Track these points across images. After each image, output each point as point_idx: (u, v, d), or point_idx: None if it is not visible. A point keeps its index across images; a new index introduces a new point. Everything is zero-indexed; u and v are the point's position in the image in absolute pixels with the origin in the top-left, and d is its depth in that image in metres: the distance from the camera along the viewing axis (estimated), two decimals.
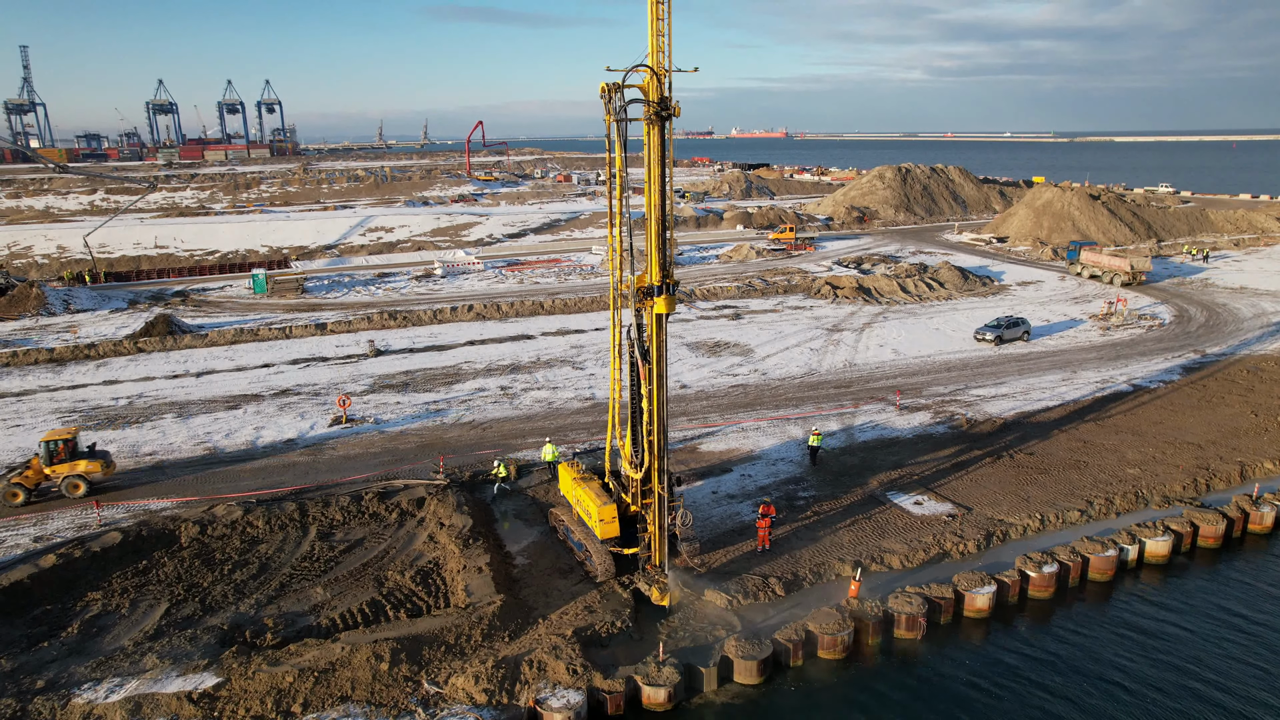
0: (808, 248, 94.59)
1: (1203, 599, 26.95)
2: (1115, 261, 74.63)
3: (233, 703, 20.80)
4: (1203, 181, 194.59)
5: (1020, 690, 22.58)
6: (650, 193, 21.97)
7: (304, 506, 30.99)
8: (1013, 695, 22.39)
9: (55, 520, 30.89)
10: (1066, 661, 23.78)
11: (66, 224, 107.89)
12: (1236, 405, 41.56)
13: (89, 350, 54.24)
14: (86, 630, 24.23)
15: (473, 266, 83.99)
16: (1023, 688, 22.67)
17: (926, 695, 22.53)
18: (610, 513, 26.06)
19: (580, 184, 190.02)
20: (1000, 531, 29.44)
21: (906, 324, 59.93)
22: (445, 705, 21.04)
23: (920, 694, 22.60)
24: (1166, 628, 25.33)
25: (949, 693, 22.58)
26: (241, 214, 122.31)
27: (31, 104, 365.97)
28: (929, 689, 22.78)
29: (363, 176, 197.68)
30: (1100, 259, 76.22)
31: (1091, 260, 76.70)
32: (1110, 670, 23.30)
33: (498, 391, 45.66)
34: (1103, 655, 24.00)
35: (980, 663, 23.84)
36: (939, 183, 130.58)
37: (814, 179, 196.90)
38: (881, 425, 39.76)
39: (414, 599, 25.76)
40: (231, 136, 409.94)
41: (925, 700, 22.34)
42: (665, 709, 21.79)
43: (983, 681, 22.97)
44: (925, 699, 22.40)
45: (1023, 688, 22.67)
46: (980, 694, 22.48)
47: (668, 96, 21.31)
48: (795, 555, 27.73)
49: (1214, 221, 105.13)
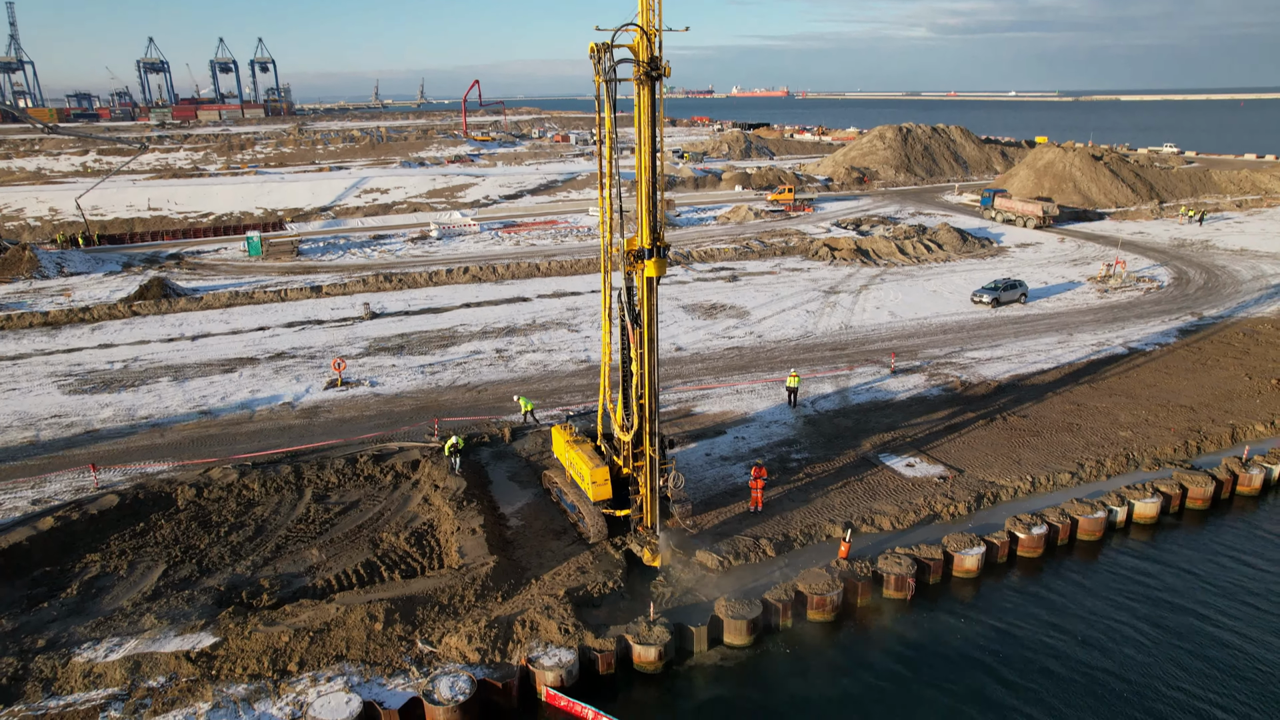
0: (806, 209, 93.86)
1: (1184, 554, 27.30)
2: (1027, 207, 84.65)
3: (230, 661, 21.14)
4: (1208, 141, 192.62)
5: (1004, 648, 22.94)
6: (641, 154, 21.69)
7: (299, 469, 31.17)
8: (998, 652, 22.76)
9: (53, 483, 31.10)
10: (1051, 620, 24.13)
11: (58, 186, 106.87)
12: (1231, 368, 41.60)
13: (84, 314, 54.10)
14: (86, 591, 24.53)
15: (469, 228, 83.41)
16: (1008, 647, 23.04)
17: (913, 654, 22.89)
18: (603, 475, 26.23)
19: (578, 144, 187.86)
20: (991, 493, 29.68)
21: (904, 286, 59.72)
22: (439, 664, 21.39)
23: (907, 653, 22.97)
24: (1150, 582, 25.68)
25: (936, 651, 22.94)
26: (236, 175, 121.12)
27: (20, 62, 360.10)
28: (917, 648, 23.14)
29: (358, 137, 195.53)
30: (1013, 204, 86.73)
31: (1005, 206, 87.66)
32: (1093, 631, 23.67)
33: (493, 354, 45.66)
34: (1088, 612, 24.36)
35: (968, 621, 24.20)
36: (940, 143, 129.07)
37: (815, 139, 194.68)
38: (876, 388, 39.83)
39: (408, 560, 26.04)
40: (225, 96, 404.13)
41: (912, 659, 22.71)
42: (655, 668, 22.15)
43: (969, 640, 23.33)
44: (912, 658, 22.77)
45: (1008, 647, 23.04)
46: (966, 652, 22.85)
47: (658, 56, 20.92)
48: (787, 517, 27.96)
49: (1217, 182, 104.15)
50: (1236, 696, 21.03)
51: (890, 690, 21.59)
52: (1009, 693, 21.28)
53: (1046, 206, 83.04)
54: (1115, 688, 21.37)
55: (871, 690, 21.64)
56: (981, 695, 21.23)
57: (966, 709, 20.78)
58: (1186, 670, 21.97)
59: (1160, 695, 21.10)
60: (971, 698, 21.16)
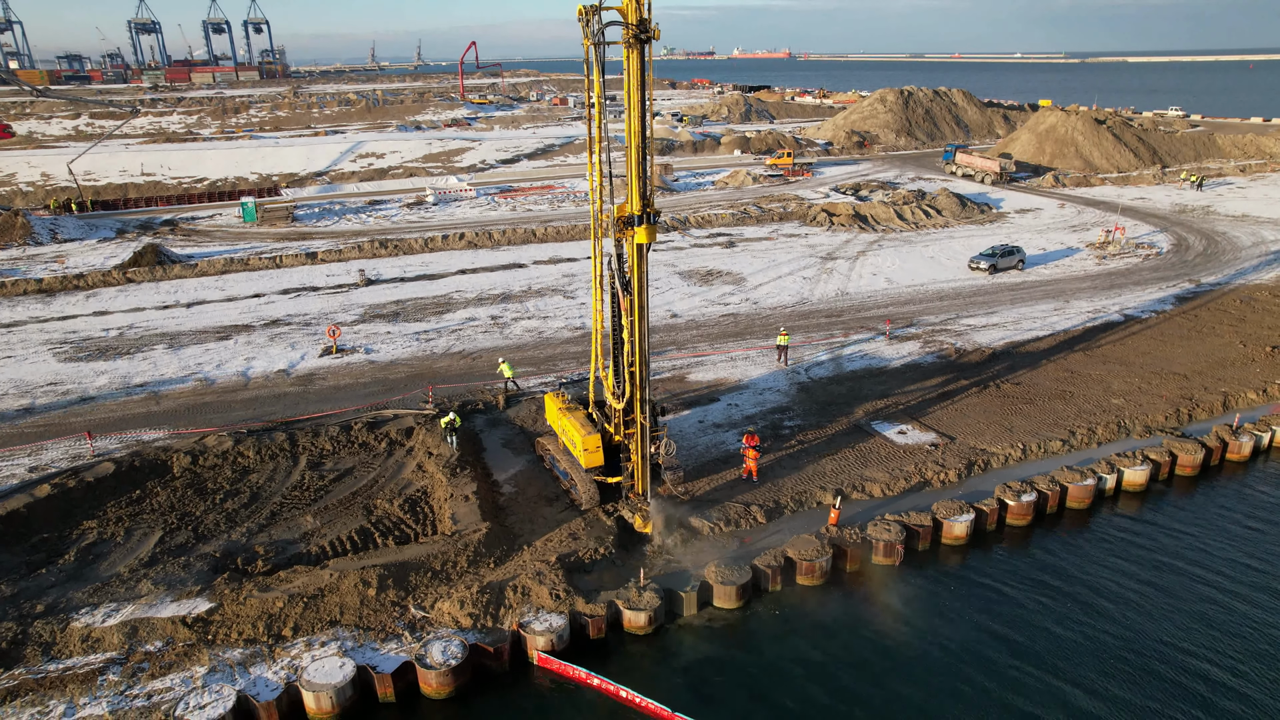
0: (805, 174, 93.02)
1: (1173, 518, 27.58)
2: (985, 163, 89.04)
3: (225, 626, 21.45)
4: (1215, 104, 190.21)
5: (992, 609, 23.26)
6: (630, 119, 21.42)
7: (294, 436, 31.32)
8: (985, 616, 23.08)
9: (49, 451, 31.26)
10: (1040, 581, 24.43)
11: (50, 150, 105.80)
12: (1227, 335, 41.56)
13: (78, 280, 53.92)
14: (83, 557, 24.80)
15: (465, 193, 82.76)
16: (995, 607, 23.36)
17: (901, 620, 23.20)
18: (594, 442, 26.32)
19: (576, 107, 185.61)
20: (982, 461, 29.84)
21: (901, 252, 59.42)
22: (431, 629, 21.70)
23: (893, 618, 23.28)
24: (1140, 543, 25.97)
25: (922, 615, 23.26)
26: (230, 140, 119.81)
27: (8, 22, 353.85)
28: (903, 612, 23.45)
29: (354, 100, 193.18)
30: (973, 160, 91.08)
31: (965, 161, 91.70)
32: (1081, 588, 23.98)
33: (488, 321, 45.60)
34: (1072, 574, 24.69)
35: (956, 586, 24.51)
36: (942, 106, 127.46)
37: (815, 102, 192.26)
38: (870, 354, 39.84)
39: (402, 527, 26.29)
40: (219, 58, 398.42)
41: (898, 623, 23.03)
42: (646, 632, 22.48)
43: (956, 605, 23.65)
44: (898, 622, 23.09)
45: (995, 607, 23.36)
46: (951, 615, 23.18)
47: (647, 18, 20.55)
48: (778, 484, 28.16)
49: (1221, 146, 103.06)
50: (1221, 650, 21.38)
51: (875, 652, 21.94)
52: (999, 650, 21.62)
53: (1004, 163, 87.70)
54: (1106, 643, 21.72)
55: (855, 652, 21.99)
56: (970, 653, 21.58)
57: (957, 667, 21.13)
58: (1173, 625, 22.30)
59: (1149, 650, 21.45)
60: (960, 657, 21.50)
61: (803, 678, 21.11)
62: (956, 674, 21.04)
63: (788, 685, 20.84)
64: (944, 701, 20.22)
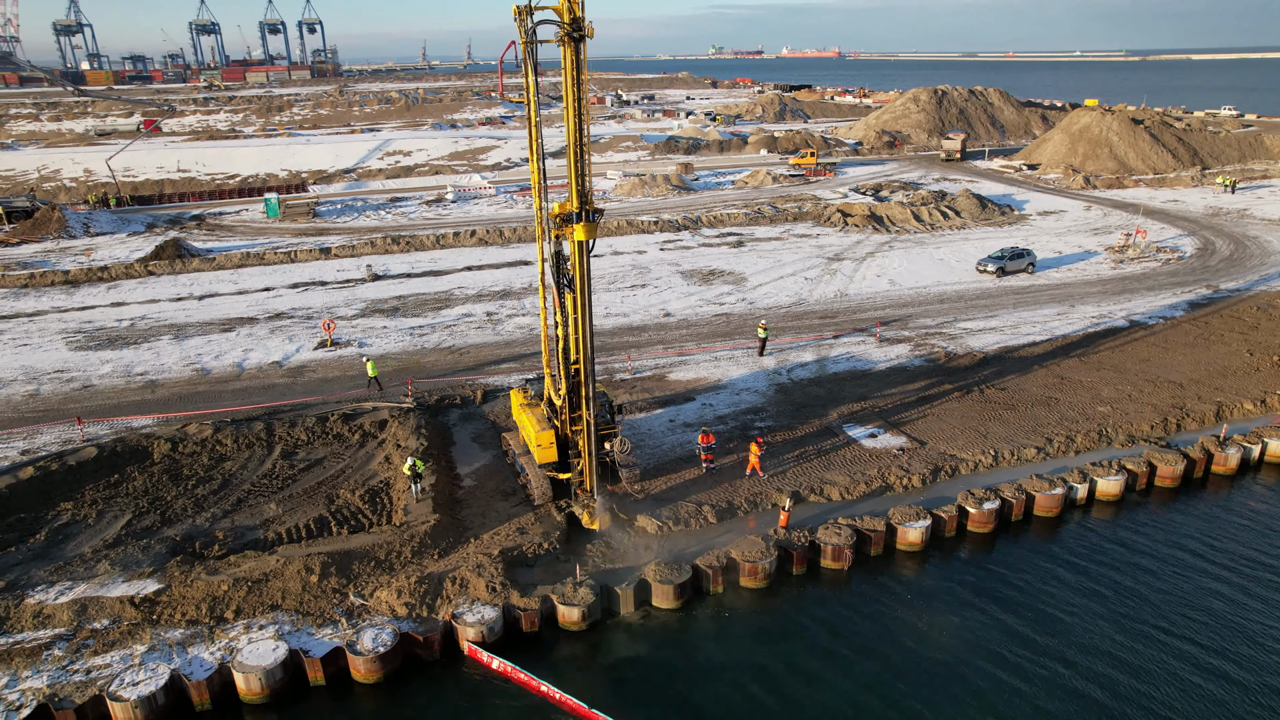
0: (827, 173, 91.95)
1: (1143, 531, 26.71)
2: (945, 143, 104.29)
3: (170, 607, 22.18)
4: (1273, 103, 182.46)
5: (936, 621, 22.83)
6: (568, 115, 21.57)
7: (271, 426, 32.15)
8: (927, 627, 22.67)
9: (44, 435, 32.60)
10: (991, 591, 23.89)
11: (95, 148, 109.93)
12: (1235, 344, 40.01)
13: (102, 273, 56.04)
14: (53, 537, 25.83)
15: (484, 191, 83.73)
16: (943, 616, 22.92)
17: (844, 624, 22.92)
18: (549, 438, 26.55)
19: (612, 105, 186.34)
20: (950, 466, 29.26)
21: (911, 254, 58.43)
22: (368, 616, 22.14)
23: (836, 622, 23.01)
24: (1100, 561, 25.24)
25: (866, 623, 22.94)
26: (270, 137, 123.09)
27: (79, 24, 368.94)
28: (848, 618, 23.15)
29: (395, 99, 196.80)
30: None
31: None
32: (1030, 598, 23.39)
33: (483, 317, 46.15)
34: (1031, 585, 24.07)
35: (905, 593, 24.09)
36: (976, 106, 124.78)
37: (855, 101, 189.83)
38: (857, 356, 39.32)
39: (359, 516, 26.82)
40: (274, 58, 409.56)
41: (842, 629, 22.75)
42: (580, 628, 22.59)
43: (901, 612, 23.26)
44: (840, 626, 22.81)
45: (943, 616, 22.92)
46: (894, 624, 22.81)
47: (580, 16, 20.66)
48: (734, 484, 28.00)
49: (1269, 147, 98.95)
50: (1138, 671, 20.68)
51: (812, 657, 21.71)
52: (937, 661, 21.24)
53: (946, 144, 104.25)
54: (1037, 659, 21.18)
55: (788, 657, 21.77)
56: (901, 666, 21.23)
57: (888, 679, 20.81)
58: (1121, 633, 21.66)
59: (1073, 663, 20.88)
60: (895, 667, 21.18)
61: (730, 680, 21.00)
62: (888, 685, 20.70)
63: (713, 687, 20.76)
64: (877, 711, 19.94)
